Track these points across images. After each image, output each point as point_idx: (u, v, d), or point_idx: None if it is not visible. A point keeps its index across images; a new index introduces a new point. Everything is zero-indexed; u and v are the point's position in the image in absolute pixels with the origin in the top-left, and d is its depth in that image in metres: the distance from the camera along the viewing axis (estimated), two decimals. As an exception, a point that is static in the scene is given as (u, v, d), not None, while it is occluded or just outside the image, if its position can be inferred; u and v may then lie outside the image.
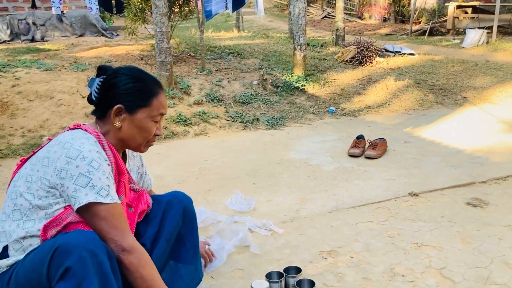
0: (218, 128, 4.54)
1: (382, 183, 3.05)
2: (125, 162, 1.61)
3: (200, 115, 4.65)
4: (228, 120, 4.69)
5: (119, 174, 1.49)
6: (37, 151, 1.45)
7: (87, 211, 1.34)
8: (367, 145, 3.70)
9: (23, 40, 8.47)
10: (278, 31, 13.15)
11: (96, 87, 1.48)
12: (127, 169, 1.56)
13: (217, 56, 6.49)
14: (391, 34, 12.62)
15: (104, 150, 1.43)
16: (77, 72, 5.08)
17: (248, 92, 5.24)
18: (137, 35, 6.75)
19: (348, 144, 3.83)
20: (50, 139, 1.45)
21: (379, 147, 3.61)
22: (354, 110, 5.14)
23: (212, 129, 4.49)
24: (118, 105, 1.45)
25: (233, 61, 6.25)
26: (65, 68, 5.23)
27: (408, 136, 4.15)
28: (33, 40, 8.51)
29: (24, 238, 1.35)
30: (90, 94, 1.50)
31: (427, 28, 11.76)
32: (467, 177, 3.07)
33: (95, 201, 1.32)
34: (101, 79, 1.48)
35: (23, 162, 1.47)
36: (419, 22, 13.63)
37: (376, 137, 3.91)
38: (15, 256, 1.36)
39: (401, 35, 12.16)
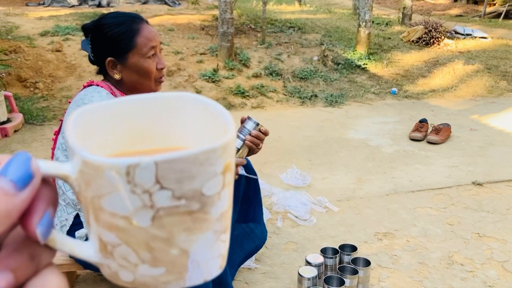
0: (275, 102, 4.52)
1: (444, 170, 2.94)
2: None
3: (258, 88, 4.65)
4: (285, 95, 4.66)
5: None
6: (63, 119, 1.47)
7: None
8: (429, 130, 3.56)
9: (90, 5, 8.76)
10: (341, 6, 12.76)
11: (89, 47, 1.45)
12: None
13: (278, 29, 6.41)
14: (462, 16, 11.92)
15: None
16: (141, 38, 5.20)
17: (307, 68, 5.16)
18: (199, 5, 6.79)
19: (410, 127, 3.70)
20: (69, 102, 1.46)
21: (443, 132, 3.46)
22: (417, 92, 4.95)
23: (269, 103, 4.48)
24: (108, 59, 1.42)
25: (293, 35, 6.15)
26: (131, 34, 5.37)
27: (475, 123, 3.95)
28: (99, 5, 8.79)
29: None
30: (89, 54, 1.48)
31: (503, 10, 11.00)
32: (538, 171, 2.90)
33: None
34: (89, 38, 1.45)
35: (57, 134, 1.47)
36: (494, 4, 12.76)
37: (439, 122, 3.75)
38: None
39: (473, 17, 11.46)
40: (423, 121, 3.62)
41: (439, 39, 6.39)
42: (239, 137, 1.52)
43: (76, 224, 1.46)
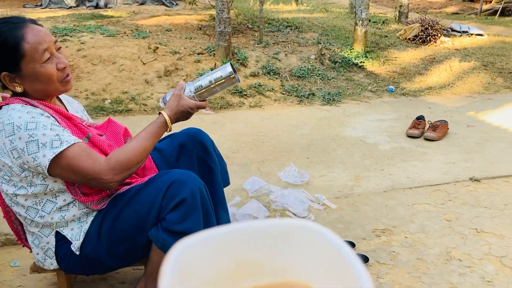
0: (273, 101, 4.52)
1: (441, 166, 2.95)
2: (67, 110, 1.53)
3: (255, 87, 4.65)
4: (283, 94, 4.66)
5: (67, 119, 1.41)
6: None
7: (56, 167, 1.29)
8: (427, 127, 3.57)
9: (88, 6, 8.76)
10: (338, 5, 12.78)
11: None
12: (71, 114, 1.45)
13: (275, 28, 6.42)
14: (458, 13, 11.94)
15: (36, 108, 1.32)
16: (138, 39, 5.21)
17: (305, 66, 5.17)
18: (196, 5, 6.79)
19: (407, 124, 3.71)
20: None
21: (440, 129, 3.47)
22: (414, 90, 4.96)
23: (267, 102, 4.48)
24: (2, 74, 1.30)
25: (291, 34, 6.16)
26: (127, 35, 5.37)
27: (472, 120, 3.96)
28: (97, 6, 8.79)
29: (61, 208, 1.39)
30: None
31: (499, 7, 11.02)
32: (534, 166, 2.91)
33: (54, 155, 1.26)
34: None
35: None
36: (490, 1, 12.79)
37: (436, 119, 3.76)
38: (74, 227, 1.41)
39: (469, 15, 11.48)
40: (420, 118, 3.62)
41: (436, 36, 6.40)
42: (210, 81, 1.47)
43: (60, 240, 1.42)
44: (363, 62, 5.47)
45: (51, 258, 1.45)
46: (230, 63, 1.51)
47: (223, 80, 1.47)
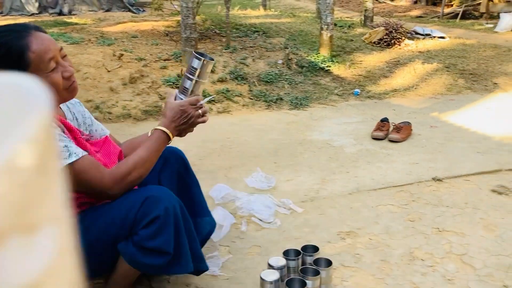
0: (241, 106, 4.52)
1: (405, 167, 3.00)
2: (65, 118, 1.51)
3: (223, 92, 4.64)
4: (251, 99, 4.67)
5: (69, 131, 1.40)
6: None
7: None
8: (391, 128, 3.64)
9: (51, 13, 8.58)
10: (305, 10, 12.93)
11: None
12: (73, 126, 1.45)
13: (243, 34, 6.43)
14: (422, 17, 12.26)
15: None
16: (103, 46, 5.12)
17: (272, 71, 5.19)
18: (163, 11, 6.74)
19: (372, 126, 3.77)
20: None
21: (404, 130, 3.54)
22: (379, 93, 5.05)
23: (235, 107, 4.48)
24: None
25: (258, 40, 6.18)
26: (92, 42, 5.28)
27: (435, 121, 4.06)
28: (60, 13, 8.61)
29: None
30: None
31: (460, 11, 11.38)
32: (493, 164, 3.00)
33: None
34: None
35: None
36: (452, 5, 13.19)
37: (401, 120, 3.84)
38: None
39: (432, 18, 11.80)
40: (384, 120, 3.69)
41: (400, 40, 6.55)
42: (189, 78, 1.48)
43: None
44: (330, 66, 5.54)
45: None
46: (194, 52, 1.51)
47: (200, 70, 1.48)
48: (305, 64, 5.51)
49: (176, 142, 1.78)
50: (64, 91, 1.33)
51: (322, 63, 5.57)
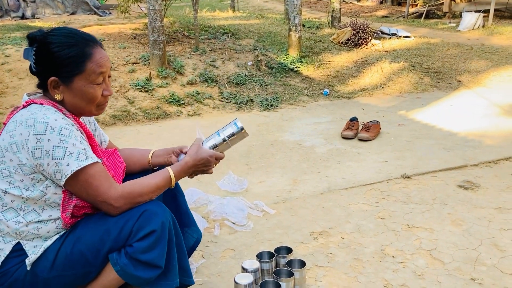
0: (212, 108, 4.50)
1: (375, 165, 3.05)
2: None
3: (193, 95, 4.61)
4: (222, 101, 4.65)
5: (88, 138, 1.43)
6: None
7: (74, 180, 1.31)
8: (360, 127, 3.69)
9: (13, 17, 8.32)
10: (274, 11, 13.00)
11: (33, 58, 1.36)
12: (92, 133, 1.50)
13: (212, 36, 6.41)
14: (388, 17, 12.52)
15: (67, 118, 1.36)
16: (68, 50, 5.00)
17: (242, 73, 5.19)
18: (130, 14, 6.64)
19: (342, 126, 3.82)
20: (4, 124, 1.37)
21: (372, 129, 3.60)
22: (348, 92, 5.12)
23: (205, 110, 4.45)
24: (51, 78, 1.34)
25: (227, 41, 6.17)
26: (56, 46, 5.14)
27: (402, 119, 4.14)
28: (23, 17, 8.37)
29: (41, 221, 1.36)
30: (31, 65, 1.39)
31: (424, 10, 11.67)
32: (459, 160, 3.08)
33: (78, 168, 1.28)
34: (34, 49, 1.37)
35: None
36: (416, 5, 13.53)
37: (370, 119, 3.90)
38: (37, 244, 1.37)
39: (397, 18, 12.07)
40: (353, 120, 3.74)
41: (367, 39, 6.66)
42: (224, 139, 1.59)
43: (16, 251, 1.35)
44: (299, 67, 5.58)
45: None
46: (238, 120, 1.62)
47: (235, 136, 1.60)
48: (274, 65, 5.53)
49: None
50: (95, 106, 1.42)
51: (291, 64, 5.60)
